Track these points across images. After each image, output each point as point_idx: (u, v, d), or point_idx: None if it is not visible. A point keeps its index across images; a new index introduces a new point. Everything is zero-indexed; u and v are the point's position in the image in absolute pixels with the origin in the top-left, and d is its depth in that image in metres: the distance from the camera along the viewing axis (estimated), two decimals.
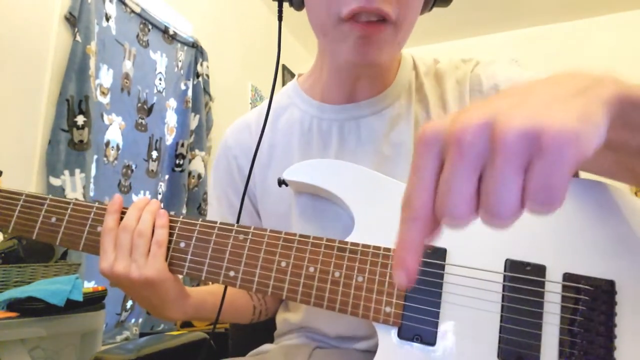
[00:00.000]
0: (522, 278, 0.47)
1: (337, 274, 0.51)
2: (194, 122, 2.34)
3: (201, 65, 2.39)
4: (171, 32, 2.25)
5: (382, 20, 0.52)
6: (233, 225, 0.54)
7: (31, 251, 1.25)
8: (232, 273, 0.53)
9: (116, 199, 0.55)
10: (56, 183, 1.59)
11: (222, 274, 0.53)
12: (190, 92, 2.32)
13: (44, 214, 0.56)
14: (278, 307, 0.75)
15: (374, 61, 0.55)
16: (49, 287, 1.14)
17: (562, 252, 0.48)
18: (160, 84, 2.22)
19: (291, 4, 0.60)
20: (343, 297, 0.50)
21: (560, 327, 0.46)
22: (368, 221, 0.54)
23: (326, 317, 0.63)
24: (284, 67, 3.37)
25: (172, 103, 2.30)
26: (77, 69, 1.67)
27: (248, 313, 0.71)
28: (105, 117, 1.88)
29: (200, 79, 2.37)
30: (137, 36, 2.08)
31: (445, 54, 0.69)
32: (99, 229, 0.55)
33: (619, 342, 0.44)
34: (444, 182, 0.25)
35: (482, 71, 0.63)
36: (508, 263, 0.48)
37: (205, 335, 1.09)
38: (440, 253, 0.50)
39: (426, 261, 0.50)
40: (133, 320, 2.00)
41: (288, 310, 0.71)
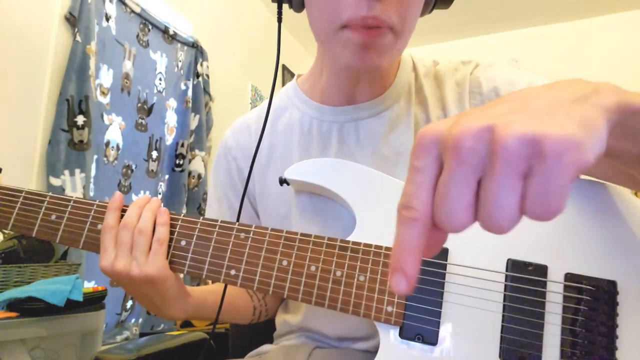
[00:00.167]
0: (524, 278, 0.47)
1: (339, 273, 0.51)
2: (194, 122, 2.34)
3: (201, 65, 2.39)
4: (171, 32, 2.25)
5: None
6: (234, 223, 0.54)
7: (31, 251, 1.25)
8: (233, 272, 0.53)
9: (117, 197, 0.55)
10: (56, 183, 1.59)
11: (223, 273, 0.53)
12: (190, 92, 2.32)
13: (44, 212, 0.56)
14: (278, 308, 0.75)
15: (374, 66, 0.55)
16: (49, 287, 1.14)
17: (564, 252, 0.48)
18: (160, 84, 2.22)
19: (291, 6, 0.59)
20: (344, 297, 0.50)
21: (561, 327, 0.46)
22: (370, 220, 0.54)
23: (326, 318, 0.63)
24: (284, 67, 3.37)
25: (172, 103, 2.30)
26: (77, 69, 1.67)
27: (248, 313, 0.70)
28: (105, 117, 1.88)
29: (200, 79, 2.37)
30: (137, 36, 2.08)
31: (445, 54, 0.69)
32: (100, 227, 0.55)
33: (621, 343, 0.44)
34: (442, 187, 0.24)
35: (482, 73, 0.63)
36: (510, 263, 0.48)
37: (205, 335, 1.09)
38: (442, 253, 0.50)
39: (428, 260, 0.50)
40: (133, 320, 2.00)
41: (288, 311, 0.71)
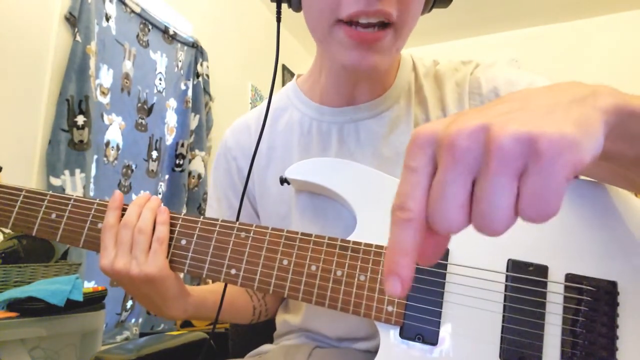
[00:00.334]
0: (525, 278, 0.47)
1: (339, 273, 0.51)
2: (194, 122, 2.34)
3: (201, 65, 2.39)
4: (171, 32, 2.25)
5: (382, 25, 0.51)
6: (234, 223, 0.54)
7: (31, 251, 1.25)
8: (234, 271, 0.52)
9: (117, 196, 0.55)
10: (56, 183, 1.59)
11: (224, 272, 0.53)
12: (190, 92, 2.32)
13: (44, 210, 0.56)
14: (278, 308, 0.75)
15: (372, 67, 0.55)
16: (49, 287, 1.14)
17: (565, 253, 0.48)
18: (160, 84, 2.21)
19: (290, 5, 0.59)
20: (345, 296, 0.50)
21: (562, 328, 0.45)
22: (370, 220, 0.54)
23: (326, 319, 0.63)
24: (284, 67, 3.37)
25: (172, 103, 2.30)
26: (77, 69, 1.67)
27: (248, 313, 0.70)
28: (105, 117, 1.88)
29: (200, 79, 2.37)
30: (137, 36, 2.08)
31: (445, 54, 0.69)
32: (100, 226, 0.54)
33: (621, 343, 0.44)
34: (437, 187, 0.24)
35: (482, 74, 0.63)
36: (510, 263, 0.48)
37: (205, 335, 1.09)
38: None
39: None
40: (133, 320, 2.00)
41: (288, 311, 0.71)
